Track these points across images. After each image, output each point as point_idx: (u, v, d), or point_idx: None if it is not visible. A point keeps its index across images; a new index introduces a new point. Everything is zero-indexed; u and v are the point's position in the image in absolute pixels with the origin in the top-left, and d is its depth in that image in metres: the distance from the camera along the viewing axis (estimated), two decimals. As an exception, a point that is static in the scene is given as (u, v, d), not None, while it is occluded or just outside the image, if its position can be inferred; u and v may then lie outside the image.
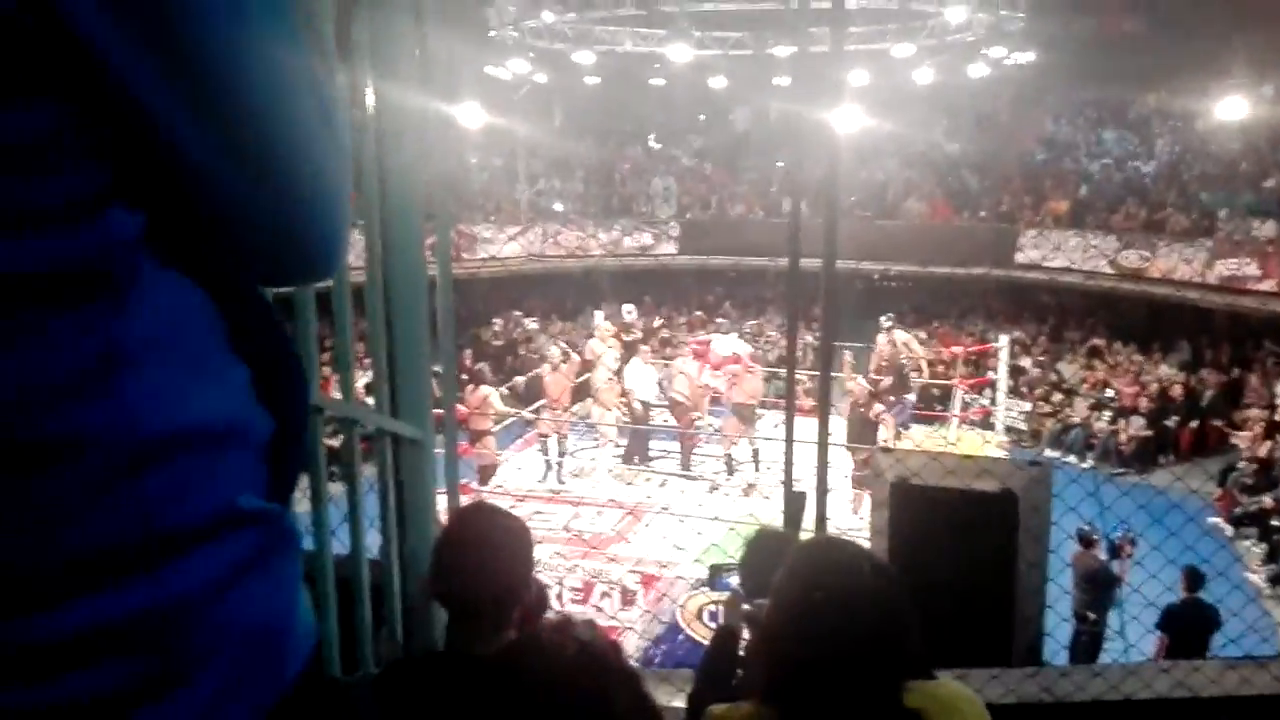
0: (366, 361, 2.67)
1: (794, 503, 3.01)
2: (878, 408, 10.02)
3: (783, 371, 10.05)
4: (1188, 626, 6.93)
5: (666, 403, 11.63)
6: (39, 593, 0.57)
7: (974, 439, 11.66)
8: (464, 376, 12.32)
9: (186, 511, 0.62)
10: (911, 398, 11.76)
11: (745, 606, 2.34)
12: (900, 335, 12.17)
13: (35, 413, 0.56)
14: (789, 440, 3.55)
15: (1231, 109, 16.41)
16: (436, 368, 2.81)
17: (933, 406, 14.98)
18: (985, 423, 13.27)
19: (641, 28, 18.48)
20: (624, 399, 11.01)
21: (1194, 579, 7.19)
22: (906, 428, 10.99)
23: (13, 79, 0.52)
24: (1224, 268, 15.76)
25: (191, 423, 0.62)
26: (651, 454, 11.18)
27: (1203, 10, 18.83)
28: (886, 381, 10.90)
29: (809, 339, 13.84)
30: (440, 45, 2.63)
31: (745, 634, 2.32)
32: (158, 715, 0.61)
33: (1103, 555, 7.87)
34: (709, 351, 11.30)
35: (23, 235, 0.54)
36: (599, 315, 16.07)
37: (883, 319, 12.12)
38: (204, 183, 0.60)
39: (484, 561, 1.78)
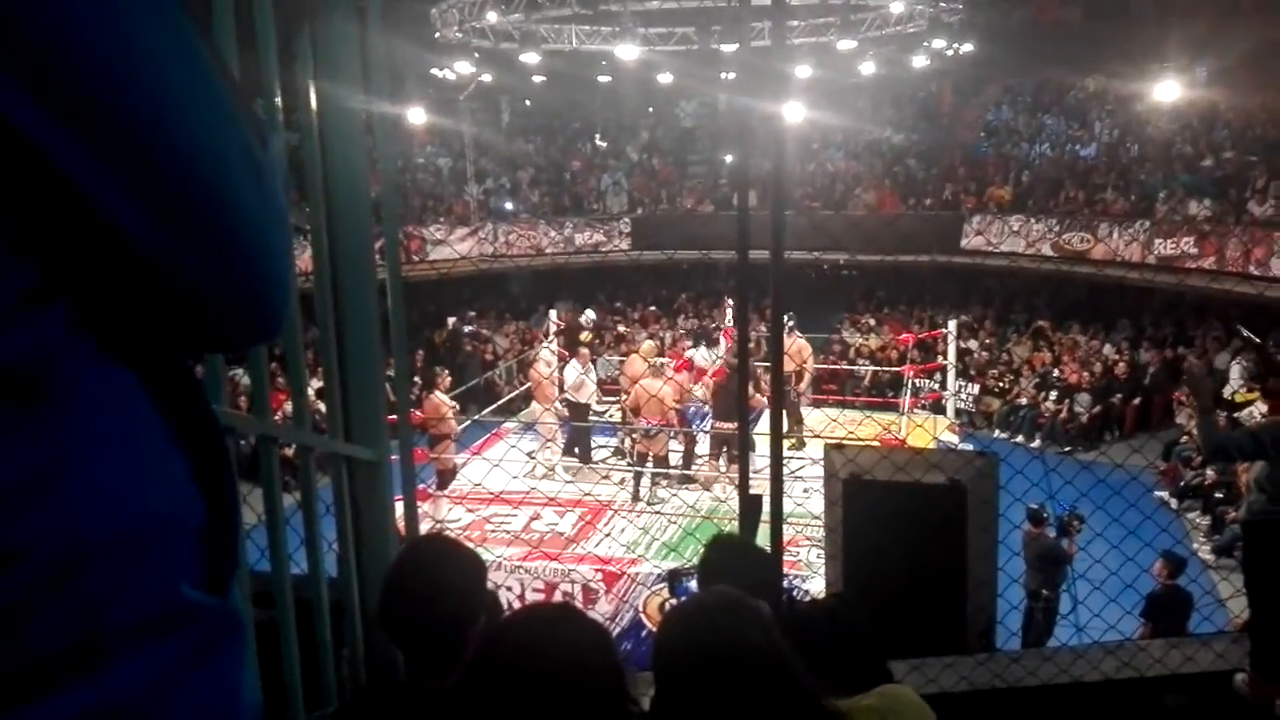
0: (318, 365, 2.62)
1: (750, 505, 3.05)
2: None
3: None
4: (1170, 612, 7.03)
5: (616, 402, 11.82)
6: None
7: (925, 424, 11.87)
8: (418, 380, 12.28)
9: (129, 610, 0.61)
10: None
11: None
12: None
13: None
14: (742, 440, 3.60)
15: (1166, 91, 16.80)
16: (389, 372, 2.79)
17: (884, 393, 15.23)
18: (936, 407, 13.51)
19: (587, 26, 18.47)
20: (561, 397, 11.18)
21: (1175, 565, 7.29)
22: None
23: None
24: (1163, 248, 16.16)
25: (133, 519, 0.61)
26: (591, 451, 11.31)
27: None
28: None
29: (763, 329, 14.02)
30: (384, 47, 2.61)
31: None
32: None
33: (1052, 533, 8.06)
34: (691, 364, 11.60)
35: None
36: (553, 314, 16.09)
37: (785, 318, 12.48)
38: (146, 261, 0.60)
39: (429, 599, 1.77)
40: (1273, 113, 16.83)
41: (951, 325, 13.98)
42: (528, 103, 24.69)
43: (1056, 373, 16.37)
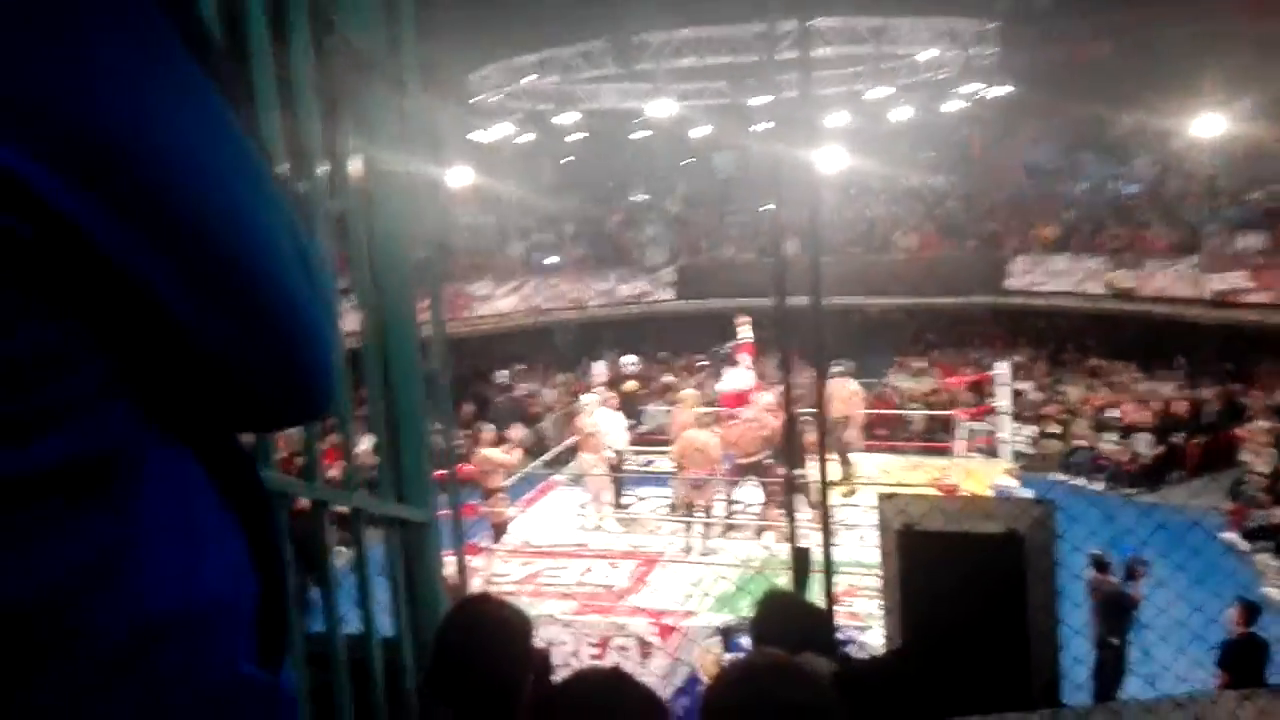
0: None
1: (800, 559, 3.01)
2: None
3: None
4: (1246, 661, 6.74)
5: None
6: None
7: (981, 468, 11.63)
8: (468, 433, 12.34)
9: (193, 689, 0.62)
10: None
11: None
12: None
13: (49, 610, 0.55)
14: (788, 492, 3.56)
15: (1207, 126, 16.58)
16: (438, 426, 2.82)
17: (936, 438, 14.99)
18: (990, 450, 13.26)
19: (623, 84, 18.80)
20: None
21: (1250, 612, 7.03)
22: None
23: (20, 298, 0.53)
24: (1215, 282, 15.80)
25: (196, 598, 0.63)
26: (625, 500, 11.16)
27: (1167, 32, 19.20)
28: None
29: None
30: (425, 113, 2.69)
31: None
32: None
33: (1115, 578, 7.81)
34: (735, 397, 11.49)
35: (30, 439, 0.54)
36: (597, 366, 16.16)
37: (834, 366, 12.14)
38: (206, 351, 0.62)
39: (475, 660, 1.78)
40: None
41: (1004, 367, 13.77)
42: (565, 160, 25.11)
43: (1116, 412, 16.01)
